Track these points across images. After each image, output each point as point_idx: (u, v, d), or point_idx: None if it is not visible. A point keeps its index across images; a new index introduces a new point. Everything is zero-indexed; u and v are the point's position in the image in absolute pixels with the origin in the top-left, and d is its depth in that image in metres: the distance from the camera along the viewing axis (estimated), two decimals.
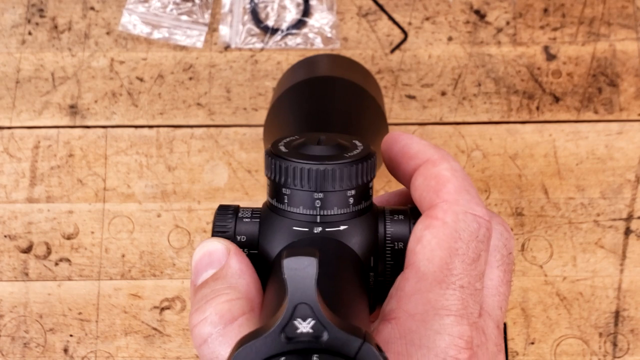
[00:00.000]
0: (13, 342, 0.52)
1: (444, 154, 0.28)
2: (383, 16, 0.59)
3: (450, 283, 0.25)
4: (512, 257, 0.28)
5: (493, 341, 0.25)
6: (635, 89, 0.56)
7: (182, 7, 0.59)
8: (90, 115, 0.56)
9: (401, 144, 0.29)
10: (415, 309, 0.25)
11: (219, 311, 0.24)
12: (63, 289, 0.52)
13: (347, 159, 0.27)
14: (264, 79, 0.57)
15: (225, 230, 0.28)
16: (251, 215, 0.28)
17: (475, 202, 0.26)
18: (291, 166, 0.27)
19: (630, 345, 0.51)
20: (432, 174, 0.27)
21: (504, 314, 0.27)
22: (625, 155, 0.55)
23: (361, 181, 0.27)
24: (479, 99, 0.56)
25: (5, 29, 0.59)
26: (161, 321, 0.52)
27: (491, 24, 0.58)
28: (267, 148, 0.28)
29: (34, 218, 0.54)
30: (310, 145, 0.28)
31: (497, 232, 0.28)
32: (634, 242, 0.53)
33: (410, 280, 0.25)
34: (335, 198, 0.27)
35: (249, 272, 0.26)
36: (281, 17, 0.59)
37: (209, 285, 0.26)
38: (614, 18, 0.58)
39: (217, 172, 0.55)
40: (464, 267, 0.25)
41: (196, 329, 0.24)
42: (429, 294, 0.25)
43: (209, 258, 0.27)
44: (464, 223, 0.26)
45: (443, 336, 0.24)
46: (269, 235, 0.28)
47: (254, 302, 0.25)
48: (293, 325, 0.19)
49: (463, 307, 0.24)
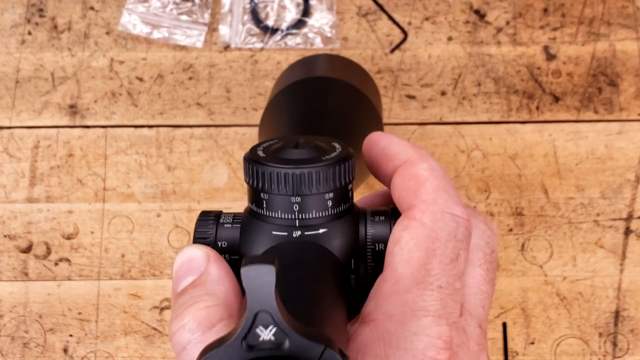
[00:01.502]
0: (13, 342, 0.52)
1: (422, 154, 0.28)
2: (383, 16, 0.59)
3: (428, 284, 0.25)
4: (495, 256, 0.28)
5: (475, 340, 0.25)
6: (635, 88, 0.56)
7: (181, 7, 0.59)
8: (90, 115, 0.56)
9: (381, 144, 0.29)
10: (393, 311, 0.24)
11: (197, 318, 0.24)
12: (63, 289, 0.52)
13: (324, 162, 0.27)
14: (263, 78, 0.57)
15: (205, 236, 0.28)
16: (232, 221, 0.28)
17: (454, 201, 0.26)
18: (267, 171, 0.26)
19: (630, 345, 0.51)
20: (411, 174, 0.27)
21: (486, 312, 0.27)
22: (625, 155, 0.54)
23: (339, 184, 0.27)
24: (478, 99, 0.56)
25: (5, 29, 0.59)
26: (161, 321, 0.52)
27: (491, 23, 0.58)
28: (246, 153, 0.28)
29: (34, 218, 0.54)
30: (287, 149, 0.28)
31: (479, 231, 0.27)
32: (633, 242, 0.53)
33: (388, 282, 0.25)
34: (313, 201, 0.27)
35: (228, 279, 0.26)
36: (281, 17, 0.59)
37: (188, 292, 0.26)
38: (614, 18, 0.58)
39: (216, 172, 0.55)
40: (442, 267, 0.25)
41: (175, 336, 0.24)
42: (407, 295, 0.25)
43: (188, 265, 0.27)
44: (441, 223, 0.26)
45: (421, 337, 0.24)
46: (250, 240, 0.28)
47: (233, 308, 0.25)
48: (255, 334, 0.19)
49: (442, 307, 0.24)
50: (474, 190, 0.54)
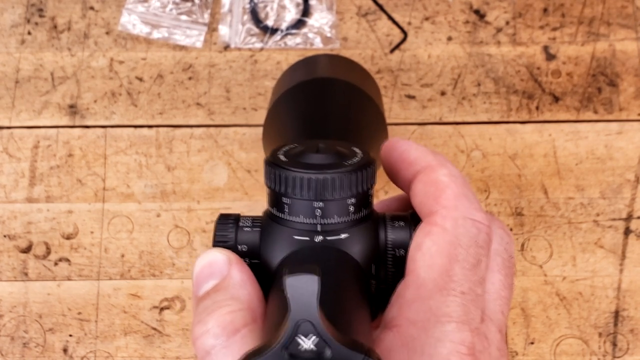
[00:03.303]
0: (12, 342, 0.52)
1: (442, 160, 0.28)
2: (383, 16, 0.59)
3: (450, 290, 0.25)
4: (513, 261, 0.28)
5: (496, 345, 0.25)
6: (635, 88, 0.56)
7: (181, 7, 0.59)
8: (90, 115, 0.56)
9: (399, 150, 0.29)
10: (416, 317, 0.24)
11: (221, 323, 0.24)
12: (62, 288, 0.52)
13: (347, 167, 0.27)
14: (263, 78, 0.57)
15: (226, 240, 0.28)
16: (252, 224, 0.28)
17: (474, 207, 0.26)
18: (291, 176, 0.27)
19: (630, 345, 0.51)
20: (431, 180, 0.27)
21: (506, 317, 0.27)
22: (624, 155, 0.55)
23: (361, 189, 0.27)
24: (478, 99, 0.56)
25: (5, 29, 0.59)
26: (161, 321, 0.52)
27: (491, 23, 0.58)
28: (267, 157, 0.28)
29: (34, 218, 0.54)
30: (309, 153, 0.28)
31: (497, 236, 0.28)
32: (633, 242, 0.53)
33: (410, 288, 0.25)
34: (335, 207, 0.27)
35: (251, 283, 0.26)
36: (281, 17, 0.59)
37: (210, 296, 0.25)
38: (614, 18, 0.58)
39: (216, 172, 0.55)
40: (464, 273, 0.25)
41: (199, 341, 0.24)
42: (430, 301, 0.25)
43: (210, 269, 0.26)
44: (463, 229, 0.26)
45: (445, 343, 0.24)
46: (270, 244, 0.28)
47: (257, 312, 0.25)
48: (296, 342, 0.19)
49: (464, 313, 0.24)
50: (473, 190, 0.54)
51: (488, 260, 0.26)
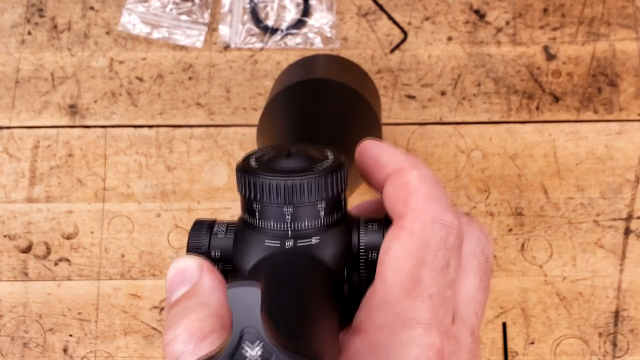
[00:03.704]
0: (12, 342, 0.52)
1: (413, 161, 0.28)
2: (383, 16, 0.59)
3: (418, 294, 0.25)
4: (490, 264, 0.28)
5: (466, 348, 0.25)
6: (635, 89, 0.56)
7: (181, 7, 0.59)
8: (90, 115, 0.56)
9: (371, 153, 0.29)
10: (384, 322, 0.24)
11: (190, 330, 0.24)
12: (62, 288, 0.52)
13: (316, 172, 0.27)
14: (263, 78, 0.57)
15: (199, 246, 0.28)
16: (226, 230, 0.28)
17: (444, 209, 0.26)
18: (259, 181, 0.26)
19: (630, 345, 0.51)
20: (401, 183, 0.27)
21: (479, 320, 0.27)
22: (625, 155, 0.55)
23: (331, 193, 0.27)
24: (478, 99, 0.56)
25: (5, 29, 0.59)
26: (161, 321, 0.52)
27: (491, 23, 0.58)
28: (238, 163, 0.28)
29: (34, 218, 0.54)
30: (279, 159, 0.27)
31: (474, 239, 0.27)
32: (633, 242, 0.53)
33: (378, 292, 0.25)
34: (305, 211, 0.27)
35: (221, 289, 0.26)
36: (281, 16, 0.59)
37: (181, 303, 0.25)
38: (614, 18, 0.58)
39: (216, 172, 0.55)
40: (432, 276, 0.25)
41: (168, 347, 0.24)
42: (397, 306, 0.24)
43: (181, 275, 0.26)
44: (431, 232, 0.25)
45: (412, 348, 0.24)
46: (242, 250, 0.28)
47: (225, 318, 0.25)
48: (241, 352, 0.19)
49: (432, 316, 0.24)
50: (473, 190, 0.54)
51: (459, 261, 0.26)
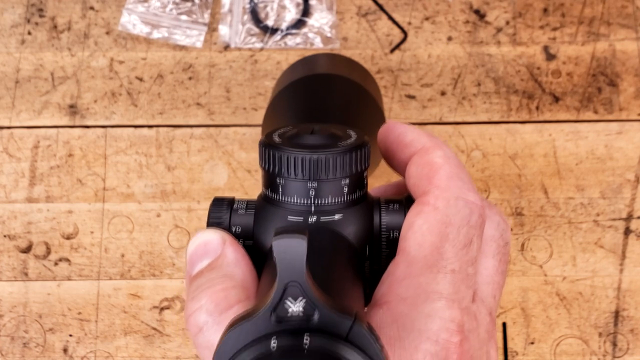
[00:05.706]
0: (12, 342, 0.52)
1: (437, 142, 0.28)
2: (383, 16, 0.59)
3: (441, 267, 0.25)
4: (508, 248, 0.28)
5: (484, 327, 0.25)
6: (635, 88, 0.56)
7: (181, 7, 0.59)
8: (90, 115, 0.56)
9: (396, 132, 0.29)
10: (406, 293, 0.24)
11: (215, 299, 0.24)
12: (62, 288, 0.52)
13: (341, 148, 0.27)
14: (263, 78, 0.57)
15: (220, 221, 0.28)
16: (246, 207, 0.28)
17: (468, 187, 0.26)
18: (284, 155, 0.26)
19: (630, 345, 0.51)
20: (425, 161, 0.27)
21: (497, 302, 0.27)
22: (624, 155, 0.55)
23: (355, 169, 0.27)
24: (478, 99, 0.56)
25: (5, 29, 0.59)
26: (161, 321, 0.52)
27: (491, 23, 0.58)
28: (261, 139, 0.28)
29: (34, 218, 0.54)
30: (303, 135, 0.28)
31: (494, 223, 0.28)
32: (633, 242, 0.53)
33: (401, 265, 0.25)
34: (329, 187, 0.27)
35: (245, 262, 0.26)
36: (281, 16, 0.59)
37: (204, 275, 0.26)
38: (614, 18, 0.58)
39: (216, 171, 0.55)
40: (455, 251, 0.25)
41: (192, 318, 0.24)
42: (420, 278, 0.25)
43: (204, 248, 0.26)
44: (455, 208, 0.26)
45: (434, 319, 0.24)
46: (264, 225, 0.28)
47: (250, 290, 0.25)
48: (284, 306, 0.19)
49: (454, 291, 0.24)
50: None
51: (480, 241, 0.26)
